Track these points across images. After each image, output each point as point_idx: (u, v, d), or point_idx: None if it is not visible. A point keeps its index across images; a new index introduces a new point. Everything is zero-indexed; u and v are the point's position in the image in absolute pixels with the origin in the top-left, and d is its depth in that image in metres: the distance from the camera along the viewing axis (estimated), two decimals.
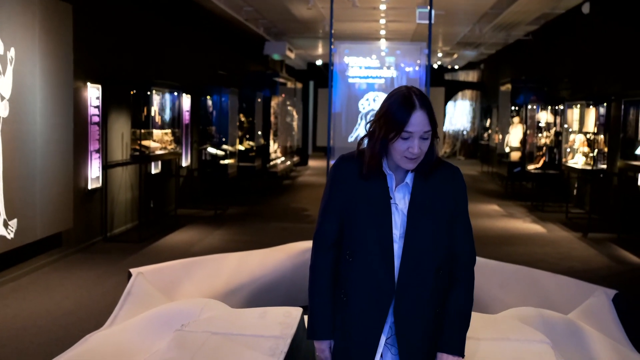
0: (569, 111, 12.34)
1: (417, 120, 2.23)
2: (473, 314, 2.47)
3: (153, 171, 10.28)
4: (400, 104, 2.25)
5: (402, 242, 2.30)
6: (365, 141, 2.38)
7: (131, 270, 4.51)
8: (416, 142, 2.24)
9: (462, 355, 2.35)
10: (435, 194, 2.32)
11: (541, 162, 13.43)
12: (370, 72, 10.73)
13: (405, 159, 2.27)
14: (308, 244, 5.72)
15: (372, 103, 10.61)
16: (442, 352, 2.34)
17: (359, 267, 2.31)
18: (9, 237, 6.31)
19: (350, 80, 10.69)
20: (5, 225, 6.25)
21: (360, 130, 10.68)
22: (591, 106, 11.10)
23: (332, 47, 9.76)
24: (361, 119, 10.58)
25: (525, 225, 10.73)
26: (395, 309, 2.29)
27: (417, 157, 2.27)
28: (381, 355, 2.34)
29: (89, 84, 8.20)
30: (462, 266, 2.37)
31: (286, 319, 3.22)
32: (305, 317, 3.68)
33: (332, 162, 9.52)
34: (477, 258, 2.46)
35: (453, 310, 2.34)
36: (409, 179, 2.33)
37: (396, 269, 2.29)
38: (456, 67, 25.46)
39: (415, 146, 2.24)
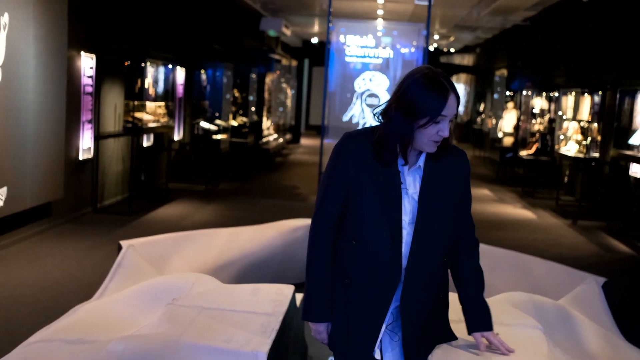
0: (563, 98, 12.33)
1: (452, 104, 2.18)
2: None
3: (145, 144, 10.21)
4: (431, 89, 2.16)
5: (411, 228, 2.25)
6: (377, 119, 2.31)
7: (122, 242, 4.48)
8: (447, 125, 2.19)
9: (493, 329, 2.41)
10: (445, 179, 2.29)
11: (534, 148, 13.45)
12: (366, 52, 10.67)
13: (433, 143, 2.21)
14: (299, 222, 5.73)
15: (368, 83, 10.57)
16: (475, 331, 2.38)
17: (365, 252, 2.25)
18: None
19: (347, 59, 10.63)
20: None
21: (356, 109, 10.63)
22: (586, 94, 11.10)
23: (330, 24, 9.68)
24: (357, 98, 10.53)
25: (516, 210, 10.76)
26: (403, 295, 2.27)
27: (440, 140, 2.23)
28: (380, 341, 2.32)
29: (83, 53, 8.10)
30: (471, 245, 2.41)
31: (278, 297, 3.21)
32: (297, 295, 3.68)
33: (326, 141, 9.50)
34: None
35: (473, 285, 2.41)
36: (421, 162, 2.28)
37: (404, 255, 2.25)
38: (452, 50, 25.38)
39: (446, 129, 2.19)
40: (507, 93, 15.12)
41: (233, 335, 2.70)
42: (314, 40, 23.60)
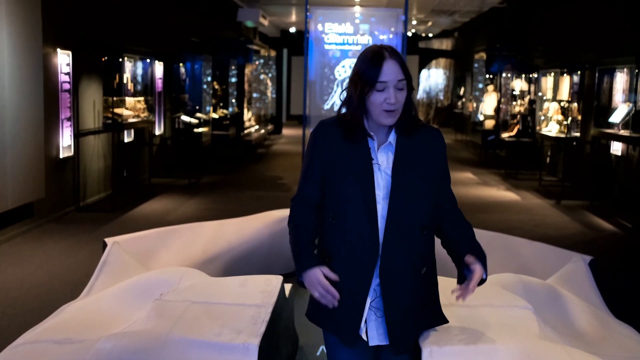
0: (543, 79, 12.38)
1: (389, 69, 2.25)
2: (451, 280, 2.47)
3: (126, 139, 10.13)
4: (370, 59, 2.27)
5: (385, 202, 2.28)
6: (344, 109, 2.37)
7: (106, 239, 4.43)
8: (392, 92, 2.25)
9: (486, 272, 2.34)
10: (418, 153, 2.32)
11: (515, 130, 13.50)
12: (345, 39, 10.63)
13: (385, 113, 2.27)
14: (284, 212, 5.69)
15: (348, 70, 10.52)
16: (478, 258, 2.30)
17: (343, 230, 2.29)
18: None
19: (326, 47, 10.58)
20: None
21: (336, 97, 10.61)
22: (565, 74, 11.14)
23: (308, 13, 9.62)
24: (337, 86, 10.50)
25: (500, 192, 10.80)
26: (381, 269, 2.28)
27: (395, 109, 2.27)
28: (365, 320, 2.32)
29: (58, 50, 8.00)
30: (454, 211, 2.41)
31: (267, 287, 3.19)
32: (286, 285, 3.67)
33: (308, 131, 9.47)
34: None
35: (468, 235, 2.38)
36: (391, 138, 2.33)
37: (380, 230, 2.28)
38: (430, 35, 25.38)
39: (391, 96, 2.24)
40: (487, 76, 15.16)
41: (223, 328, 2.68)
42: (292, 29, 23.51)
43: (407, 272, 2.29)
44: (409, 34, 23.76)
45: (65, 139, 8.23)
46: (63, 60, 8.11)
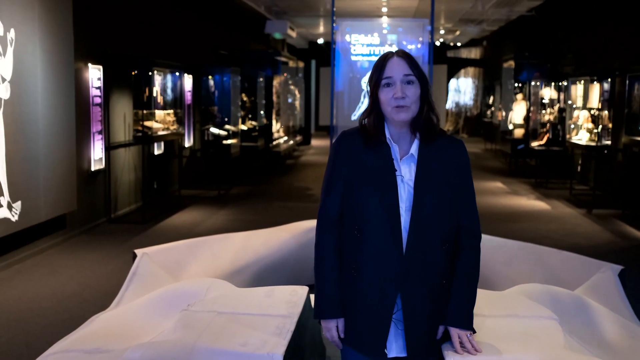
0: (572, 87, 12.26)
1: (394, 65, 2.31)
2: (479, 290, 2.47)
3: (156, 152, 10.26)
4: (378, 61, 2.37)
5: (408, 215, 2.28)
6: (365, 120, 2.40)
7: (136, 250, 4.49)
8: (399, 86, 2.28)
9: (472, 329, 2.35)
10: (440, 166, 2.32)
11: (545, 138, 13.38)
12: (372, 50, 10.66)
13: (395, 109, 2.29)
14: (312, 223, 5.71)
15: None
16: (451, 326, 2.34)
17: (368, 242, 2.30)
18: (13, 219, 6.31)
19: (353, 58, 10.62)
20: (10, 207, 6.25)
21: (363, 108, 10.64)
22: (595, 82, 11.03)
23: (334, 24, 9.68)
24: (364, 96, 10.52)
25: (530, 202, 10.71)
26: (402, 282, 2.28)
27: (405, 104, 2.28)
28: None
29: (90, 65, 8.15)
30: (468, 237, 2.37)
31: (292, 298, 3.21)
32: (311, 296, 3.68)
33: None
34: (482, 235, 2.45)
35: (460, 278, 2.34)
36: (413, 149, 2.33)
37: (404, 242, 2.28)
38: (458, 44, 25.31)
39: (398, 89, 2.28)
40: (516, 84, 15.06)
41: (248, 338, 2.70)
42: (320, 40, 23.62)
43: (427, 284, 2.30)
44: (437, 43, 23.73)
45: (97, 152, 8.37)
46: (94, 74, 8.26)
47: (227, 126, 12.34)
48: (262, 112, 14.66)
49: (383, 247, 2.28)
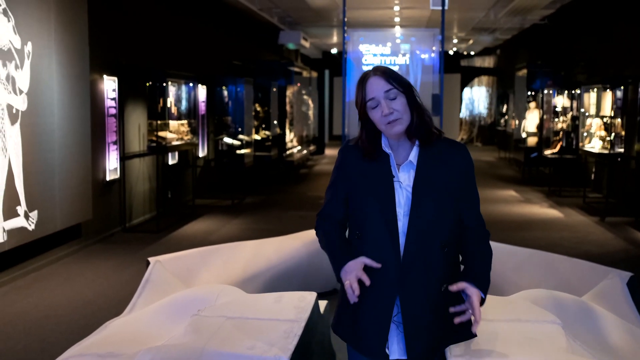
0: (585, 95, 12.25)
1: (373, 86, 2.33)
2: (490, 297, 2.49)
3: (170, 162, 10.37)
4: (357, 84, 2.39)
5: (406, 219, 2.33)
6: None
7: (149, 258, 4.57)
8: (384, 104, 2.32)
9: (485, 294, 2.34)
10: (440, 170, 2.35)
11: (558, 146, 13.37)
12: (384, 60, 10.73)
13: (388, 125, 2.33)
14: None
15: None
16: (469, 282, 2.31)
17: (367, 245, 2.36)
18: (29, 228, 6.43)
19: (365, 68, 10.69)
20: (26, 216, 6.36)
21: None
22: (608, 89, 11.02)
23: (345, 35, 9.77)
24: None
25: (543, 210, 10.70)
26: (401, 285, 2.33)
27: (395, 118, 2.31)
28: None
29: (105, 76, 8.28)
30: (476, 236, 2.40)
31: (301, 303, 3.27)
32: (322, 302, 3.75)
33: None
34: (491, 243, 2.47)
35: (475, 254, 2.37)
36: (412, 156, 2.37)
37: (402, 246, 2.33)
38: (472, 53, 25.32)
39: (384, 107, 2.31)
40: (529, 93, 15.06)
41: (256, 342, 2.77)
42: (334, 50, 23.73)
43: (426, 288, 2.33)
44: (450, 52, 23.76)
45: (112, 162, 8.49)
46: (109, 86, 8.39)
47: (240, 136, 12.45)
48: (275, 122, 14.76)
49: (382, 251, 2.33)
